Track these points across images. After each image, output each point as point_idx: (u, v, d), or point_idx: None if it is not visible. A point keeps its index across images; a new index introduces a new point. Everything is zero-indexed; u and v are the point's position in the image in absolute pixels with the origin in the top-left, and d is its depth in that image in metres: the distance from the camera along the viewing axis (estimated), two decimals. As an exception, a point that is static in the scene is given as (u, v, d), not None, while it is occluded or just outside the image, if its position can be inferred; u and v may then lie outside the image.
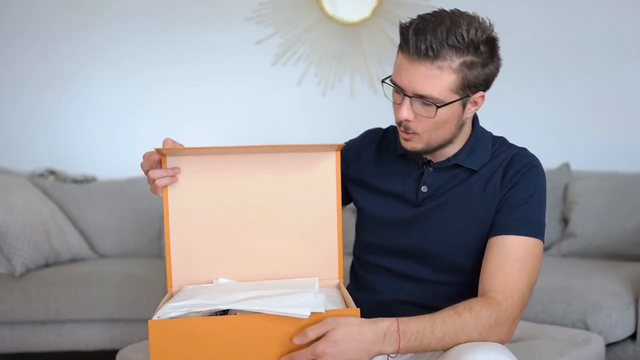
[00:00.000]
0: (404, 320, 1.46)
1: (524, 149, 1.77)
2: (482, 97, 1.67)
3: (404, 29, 1.59)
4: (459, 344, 1.48)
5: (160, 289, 3.27)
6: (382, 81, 1.68)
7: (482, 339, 1.49)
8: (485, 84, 1.65)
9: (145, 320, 3.13)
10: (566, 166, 3.75)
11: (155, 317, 1.40)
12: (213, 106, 4.22)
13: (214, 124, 4.24)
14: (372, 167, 1.89)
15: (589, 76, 4.05)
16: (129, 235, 3.83)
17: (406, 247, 1.79)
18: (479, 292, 1.61)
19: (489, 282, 1.59)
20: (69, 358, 3.27)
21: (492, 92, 4.16)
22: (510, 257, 1.60)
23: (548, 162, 3.71)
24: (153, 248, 3.86)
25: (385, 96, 1.71)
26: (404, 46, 1.59)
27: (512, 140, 1.84)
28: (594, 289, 2.83)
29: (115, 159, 4.17)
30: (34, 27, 4.11)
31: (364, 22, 4.18)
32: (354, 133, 2.06)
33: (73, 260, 3.59)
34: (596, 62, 4.04)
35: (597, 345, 2.21)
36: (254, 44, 4.19)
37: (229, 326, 1.39)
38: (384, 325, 1.44)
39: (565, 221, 3.64)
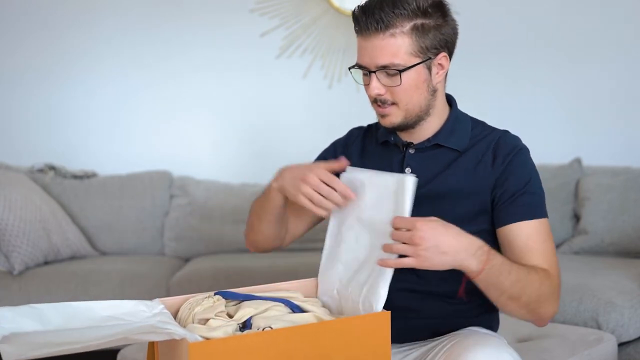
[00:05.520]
0: (492, 250, 1.56)
1: (506, 131, 1.84)
2: (446, 58, 1.75)
3: (354, 13, 1.72)
4: (522, 298, 1.58)
5: (162, 287, 3.24)
6: (349, 68, 1.78)
7: (538, 303, 1.61)
8: (445, 45, 1.73)
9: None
10: (578, 161, 3.71)
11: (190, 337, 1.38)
12: (216, 100, 4.21)
13: (216, 118, 4.23)
14: (359, 160, 1.92)
15: (602, 70, 4.03)
16: (130, 232, 3.80)
17: None
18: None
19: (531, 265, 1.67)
20: (68, 358, 3.23)
21: (502, 85, 4.16)
22: (537, 239, 1.69)
23: (559, 157, 3.72)
24: (155, 245, 3.84)
25: (356, 82, 1.80)
26: (358, 28, 1.71)
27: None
28: (606, 287, 2.81)
29: (116, 153, 4.16)
30: (32, 19, 4.08)
31: (370, 14, 4.12)
32: (360, 127, 2.07)
33: (73, 257, 3.57)
34: (609, 55, 4.02)
35: (609, 344, 2.24)
36: (258, 37, 4.15)
37: (271, 341, 1.40)
38: (479, 241, 1.55)
39: (576, 217, 3.61)
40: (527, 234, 1.69)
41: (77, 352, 1.30)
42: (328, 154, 2.02)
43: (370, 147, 1.95)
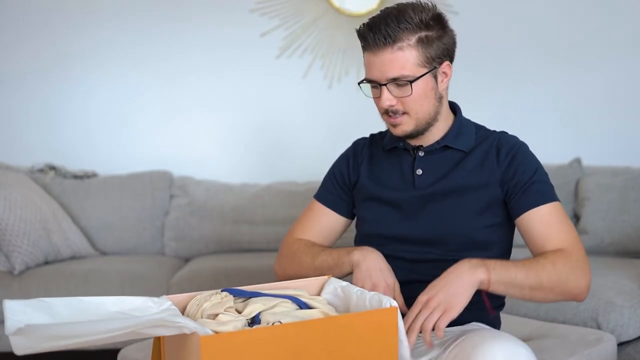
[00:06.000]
0: (479, 258, 1.68)
1: (505, 132, 1.97)
2: (449, 66, 1.86)
3: (361, 31, 1.81)
4: (543, 283, 1.67)
5: (162, 287, 3.24)
6: (359, 83, 1.88)
7: (562, 283, 1.69)
8: (447, 54, 1.84)
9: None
10: (577, 162, 3.71)
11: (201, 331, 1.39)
12: (216, 100, 4.21)
13: (216, 118, 4.23)
14: (368, 166, 2.04)
15: (601, 70, 4.03)
16: (130, 232, 3.79)
17: (416, 234, 1.89)
18: (551, 251, 1.77)
19: (550, 247, 1.77)
20: (69, 357, 3.23)
21: (502, 85, 4.16)
22: (552, 222, 1.80)
23: (559, 157, 3.72)
24: (155, 245, 3.83)
25: (366, 95, 1.90)
26: (365, 45, 1.81)
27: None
28: (606, 287, 2.81)
29: (117, 153, 4.16)
30: (33, 20, 4.08)
31: (370, 14, 4.11)
32: (360, 127, 2.17)
33: (73, 257, 3.57)
34: (608, 55, 4.03)
35: (608, 344, 2.23)
36: (258, 37, 4.15)
37: (281, 335, 1.41)
38: (464, 261, 1.66)
39: (576, 217, 3.60)
40: (543, 218, 1.79)
41: (87, 345, 1.31)
42: (342, 166, 2.10)
43: (377, 154, 2.04)
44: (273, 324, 1.46)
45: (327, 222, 2.08)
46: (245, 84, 4.19)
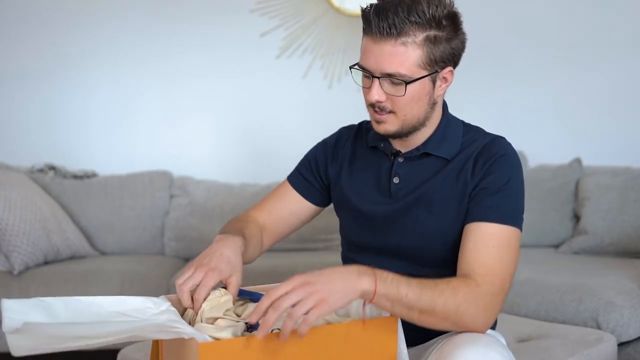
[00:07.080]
0: (375, 268, 1.48)
1: (499, 138, 1.78)
2: (451, 72, 1.70)
3: (366, 12, 1.63)
4: (436, 309, 1.48)
5: (162, 287, 3.24)
6: (350, 67, 1.71)
7: (459, 314, 1.51)
8: (452, 59, 1.68)
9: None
10: (578, 162, 3.71)
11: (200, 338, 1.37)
12: (216, 100, 4.21)
13: (216, 118, 4.23)
14: (348, 167, 1.92)
15: (601, 70, 4.03)
16: (129, 232, 3.80)
17: (389, 246, 1.79)
18: (458, 276, 1.62)
19: (469, 268, 1.59)
20: (69, 357, 3.23)
21: (502, 85, 4.15)
22: (487, 243, 1.61)
23: (559, 157, 3.72)
24: (154, 245, 3.84)
25: (355, 82, 1.73)
26: (367, 29, 1.63)
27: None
28: (606, 287, 2.81)
29: (116, 154, 4.16)
30: (32, 20, 4.08)
31: (370, 15, 4.12)
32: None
33: (73, 257, 3.57)
34: (608, 55, 4.02)
35: (609, 344, 2.23)
36: (258, 36, 4.15)
37: (280, 342, 1.38)
38: (354, 265, 1.47)
39: (576, 218, 3.61)
40: (484, 237, 1.63)
41: (86, 348, 1.28)
42: (318, 152, 2.00)
43: (360, 150, 1.92)
44: (272, 330, 1.45)
45: (291, 204, 1.98)
46: (245, 84, 4.19)
